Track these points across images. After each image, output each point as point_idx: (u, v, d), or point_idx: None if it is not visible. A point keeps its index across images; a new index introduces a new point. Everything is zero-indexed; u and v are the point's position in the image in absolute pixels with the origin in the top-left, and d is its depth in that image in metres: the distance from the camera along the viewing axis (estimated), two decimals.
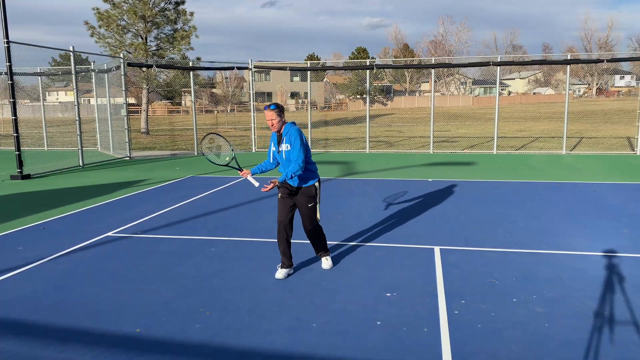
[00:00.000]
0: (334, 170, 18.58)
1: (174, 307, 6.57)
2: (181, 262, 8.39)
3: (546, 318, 6.10)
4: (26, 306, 6.68)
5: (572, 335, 5.69)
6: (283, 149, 7.48)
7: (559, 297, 6.73)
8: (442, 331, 5.79)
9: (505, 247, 8.90)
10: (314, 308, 6.50)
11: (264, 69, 30.91)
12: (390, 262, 8.26)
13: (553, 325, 5.92)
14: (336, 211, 11.82)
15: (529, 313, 6.24)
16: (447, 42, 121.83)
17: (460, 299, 6.70)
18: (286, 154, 7.46)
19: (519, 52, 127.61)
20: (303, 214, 7.70)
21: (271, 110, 7.38)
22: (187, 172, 18.57)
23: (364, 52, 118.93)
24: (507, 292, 6.90)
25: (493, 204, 12.35)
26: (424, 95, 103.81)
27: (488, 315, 6.20)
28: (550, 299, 6.65)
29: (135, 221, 11.17)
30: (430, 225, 10.50)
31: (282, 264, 7.71)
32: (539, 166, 19.05)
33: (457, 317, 6.16)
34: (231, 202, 12.98)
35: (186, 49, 38.54)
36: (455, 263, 8.13)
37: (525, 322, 5.99)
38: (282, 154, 7.51)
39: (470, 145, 26.96)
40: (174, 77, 44.19)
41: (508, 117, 50.28)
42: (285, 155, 7.47)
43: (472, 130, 37.15)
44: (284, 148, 7.47)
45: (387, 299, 6.74)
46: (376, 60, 34.39)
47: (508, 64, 25.50)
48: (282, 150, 7.49)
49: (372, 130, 33.61)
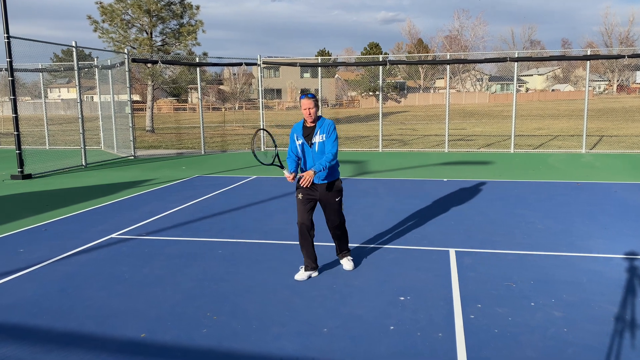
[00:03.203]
0: (345, 169, 18.55)
1: (179, 311, 6.57)
2: (187, 264, 8.41)
3: (565, 322, 6.08)
4: (27, 310, 6.69)
5: (592, 340, 5.66)
6: (317, 140, 7.44)
7: (578, 300, 6.71)
8: (457, 336, 5.78)
9: (523, 249, 8.88)
10: (324, 312, 6.50)
11: (273, 64, 30.93)
12: (403, 264, 8.25)
13: (572, 329, 5.90)
14: (348, 212, 11.81)
15: (547, 317, 6.22)
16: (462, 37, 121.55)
17: (476, 303, 6.68)
18: (320, 145, 7.43)
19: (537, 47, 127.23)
20: (331, 209, 7.72)
21: (310, 99, 7.39)
22: (194, 172, 18.60)
23: (376, 48, 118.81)
24: (525, 296, 6.88)
25: (510, 205, 12.32)
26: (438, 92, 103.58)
27: (505, 319, 6.18)
28: (570, 303, 6.63)
29: (140, 222, 11.20)
30: (445, 226, 10.48)
31: (306, 267, 7.72)
32: (558, 165, 18.99)
33: (472, 321, 6.14)
34: (239, 202, 12.99)
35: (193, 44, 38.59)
36: (471, 266, 8.11)
37: (543, 327, 5.97)
38: (315, 146, 7.45)
39: (487, 144, 26.90)
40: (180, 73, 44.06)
41: (526, 115, 50.13)
42: (319, 147, 7.45)
43: (489, 129, 37.07)
44: (318, 139, 7.44)
45: (401, 303, 6.73)
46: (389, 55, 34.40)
47: (526, 60, 25.43)
48: (316, 141, 7.44)
49: (385, 128, 33.58)
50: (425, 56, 40.49)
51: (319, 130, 7.43)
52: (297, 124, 7.66)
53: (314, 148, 7.44)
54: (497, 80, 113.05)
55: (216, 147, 28.23)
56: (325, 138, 7.41)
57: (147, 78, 39.57)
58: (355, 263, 8.27)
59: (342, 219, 7.85)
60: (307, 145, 7.50)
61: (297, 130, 7.63)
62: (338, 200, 7.70)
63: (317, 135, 7.42)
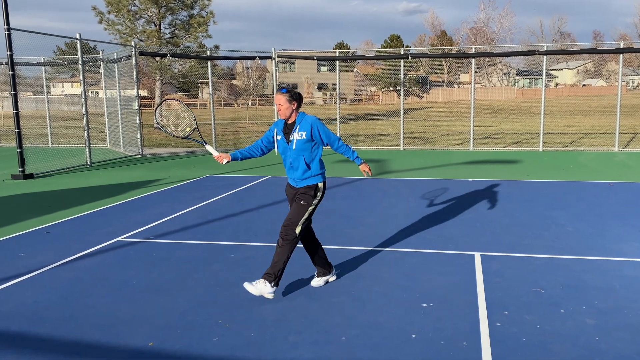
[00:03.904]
0: None
1: (190, 319, 6.57)
2: (198, 269, 8.41)
3: (597, 331, 6.04)
4: (28, 318, 6.68)
5: (626, 349, 5.62)
6: (295, 137, 7.24)
7: (611, 307, 6.66)
8: (483, 345, 5.75)
9: (552, 253, 8.83)
10: (342, 319, 6.48)
11: (289, 58, 31.08)
12: (426, 269, 8.22)
13: (605, 338, 5.86)
14: (368, 214, 11.80)
15: (578, 325, 6.18)
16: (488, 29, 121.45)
17: (503, 309, 6.65)
18: (298, 143, 7.23)
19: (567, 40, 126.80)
20: (290, 211, 7.30)
21: (281, 95, 7.26)
22: (205, 171, 18.63)
23: (397, 40, 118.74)
24: (554, 303, 6.84)
25: (539, 206, 12.26)
26: (463, 87, 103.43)
27: (533, 327, 6.14)
28: (602, 310, 6.58)
29: (148, 225, 11.22)
30: (470, 229, 10.45)
31: (317, 273, 7.70)
32: (589, 164, 18.90)
33: (499, 329, 6.11)
34: (253, 203, 12.99)
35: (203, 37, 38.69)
36: (497, 271, 8.08)
37: (574, 335, 5.93)
38: (293, 143, 7.24)
39: (514, 142, 26.81)
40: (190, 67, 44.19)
41: (555, 111, 49.94)
42: (297, 144, 7.23)
43: (516, 126, 36.94)
44: (296, 137, 7.24)
45: (423, 310, 6.71)
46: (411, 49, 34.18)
47: (555, 53, 25.33)
48: (294, 139, 7.24)
49: (407, 125, 33.52)
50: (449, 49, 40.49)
51: (298, 127, 7.27)
52: (279, 120, 7.54)
53: (292, 145, 7.26)
54: (524, 75, 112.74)
55: (228, 145, 28.28)
56: (305, 136, 7.22)
57: (156, 72, 39.66)
58: (374, 268, 8.24)
59: (292, 228, 7.13)
60: (285, 142, 7.34)
61: (278, 126, 7.51)
62: (303, 204, 7.22)
63: (296, 132, 7.26)
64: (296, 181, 7.35)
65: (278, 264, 7.06)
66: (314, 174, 7.30)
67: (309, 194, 7.26)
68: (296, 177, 7.32)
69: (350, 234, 10.24)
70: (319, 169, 7.34)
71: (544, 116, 23.97)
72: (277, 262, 7.07)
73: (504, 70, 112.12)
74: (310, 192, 7.27)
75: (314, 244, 7.64)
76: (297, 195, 7.31)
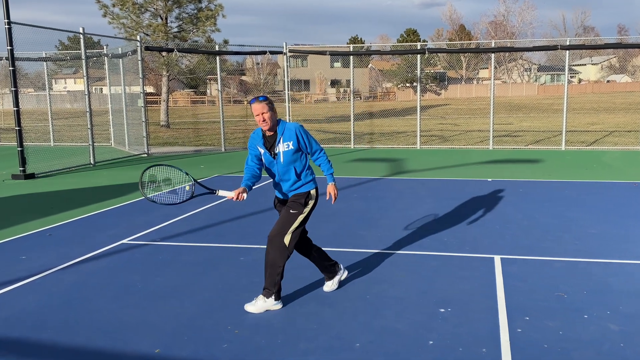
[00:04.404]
0: (380, 168, 18.54)
1: (198, 324, 6.57)
2: (206, 273, 8.42)
3: (622, 337, 6.00)
4: (30, 324, 6.68)
5: None
6: (281, 149, 6.88)
7: (636, 312, 6.62)
8: (503, 352, 5.73)
9: (575, 256, 8.79)
10: (357, 325, 6.47)
11: (301, 53, 31.06)
12: (444, 273, 8.20)
13: (630, 345, 5.82)
14: (383, 215, 11.79)
15: (602, 331, 6.15)
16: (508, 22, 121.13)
17: (524, 315, 6.62)
18: (285, 155, 6.90)
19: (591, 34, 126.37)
20: (279, 219, 7.04)
21: (261, 103, 6.79)
22: (213, 171, 18.67)
23: (414, 35, 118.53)
24: (577, 308, 6.81)
25: (561, 207, 12.22)
26: (482, 84, 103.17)
27: (555, 333, 6.12)
28: (627, 315, 6.55)
29: (153, 227, 11.25)
30: (489, 231, 10.42)
31: (326, 277, 7.63)
32: (614, 164, 18.83)
33: (520, 335, 6.09)
34: (263, 204, 12.99)
35: (212, 31, 38.58)
36: (518, 274, 8.05)
37: (598, 342, 5.90)
38: (280, 156, 6.90)
39: (536, 141, 26.73)
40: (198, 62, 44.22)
41: (578, 109, 49.80)
42: (284, 157, 6.91)
43: (538, 123, 36.83)
44: (282, 149, 6.88)
45: (441, 315, 6.69)
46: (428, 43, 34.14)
47: (578, 48, 25.25)
48: (280, 151, 6.89)
49: (424, 123, 33.42)
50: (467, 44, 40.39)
51: (281, 138, 6.89)
52: (255, 133, 7.12)
53: (279, 159, 6.91)
54: (546, 71, 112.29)
55: (238, 144, 28.32)
56: (292, 145, 6.89)
57: (162, 68, 39.65)
58: (390, 271, 8.23)
59: (281, 239, 6.88)
60: (270, 156, 6.95)
61: (256, 140, 7.07)
62: (293, 212, 6.96)
63: (281, 143, 6.89)
64: (284, 194, 7.15)
65: (272, 276, 6.87)
66: (305, 182, 7.07)
67: (299, 202, 7.01)
68: (284, 189, 7.11)
69: (364, 236, 10.23)
70: (309, 175, 7.12)
71: (567, 113, 23.88)
72: (271, 273, 6.88)
73: (525, 65, 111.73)
74: (300, 199, 7.02)
75: (314, 253, 7.49)
76: (287, 204, 7.06)
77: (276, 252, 6.84)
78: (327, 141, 27.66)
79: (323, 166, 7.17)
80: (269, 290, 6.88)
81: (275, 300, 6.90)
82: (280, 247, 6.83)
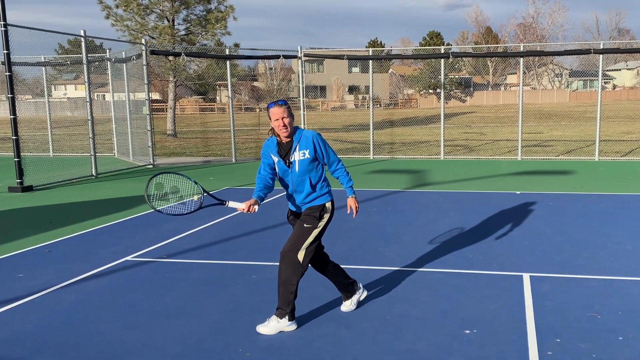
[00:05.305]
0: (401, 180, 18.54)
1: (206, 347, 6.58)
2: (215, 292, 8.43)
3: None
4: (28, 345, 6.69)
5: None
6: (297, 158, 6.86)
7: None
8: None
9: (609, 275, 8.77)
10: (376, 348, 6.48)
11: (317, 57, 31.11)
12: (469, 292, 8.20)
13: None
14: (404, 230, 11.79)
15: (637, 354, 6.13)
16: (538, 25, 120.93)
17: (555, 337, 6.61)
18: (301, 164, 6.88)
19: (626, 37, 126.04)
20: (292, 233, 7.06)
21: (281, 107, 6.75)
22: (223, 183, 18.71)
23: (437, 38, 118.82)
24: (611, 329, 6.79)
25: (594, 222, 12.19)
26: (510, 90, 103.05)
27: (588, 356, 6.11)
28: None
29: (159, 243, 11.26)
30: (518, 247, 10.41)
31: (344, 297, 7.62)
32: None
33: (550, 358, 6.08)
34: (276, 219, 12.98)
35: (222, 34, 38.57)
36: (548, 293, 8.03)
37: None
38: (295, 165, 6.89)
39: (567, 151, 26.68)
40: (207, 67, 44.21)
41: (613, 117, 49.59)
42: (299, 166, 6.89)
43: (569, 132, 36.75)
44: (297, 157, 6.86)
45: (466, 337, 6.69)
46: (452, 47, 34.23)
47: (613, 52, 25.19)
48: (296, 160, 6.87)
49: (448, 132, 33.39)
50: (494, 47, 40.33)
51: (297, 146, 6.86)
52: (269, 140, 7.09)
53: (294, 168, 6.89)
54: (578, 76, 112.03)
55: (249, 154, 28.34)
56: (308, 154, 6.87)
57: (169, 73, 39.58)
58: (411, 290, 8.23)
59: (295, 254, 6.89)
60: (284, 165, 6.94)
61: (270, 148, 7.02)
62: (307, 227, 6.95)
63: (297, 152, 6.86)
64: (298, 206, 7.13)
65: (286, 295, 6.86)
66: (320, 194, 7.04)
67: (313, 215, 6.98)
68: (298, 201, 7.09)
69: (384, 253, 10.23)
70: (324, 187, 7.11)
71: (600, 122, 23.82)
72: (284, 292, 6.86)
73: (556, 71, 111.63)
74: (315, 213, 7.00)
75: (331, 270, 7.46)
76: (301, 217, 7.06)
77: (289, 269, 6.81)
78: (345, 151, 27.69)
79: (342, 178, 7.18)
80: (283, 310, 6.87)
81: (289, 321, 6.91)
82: (293, 263, 6.81)
